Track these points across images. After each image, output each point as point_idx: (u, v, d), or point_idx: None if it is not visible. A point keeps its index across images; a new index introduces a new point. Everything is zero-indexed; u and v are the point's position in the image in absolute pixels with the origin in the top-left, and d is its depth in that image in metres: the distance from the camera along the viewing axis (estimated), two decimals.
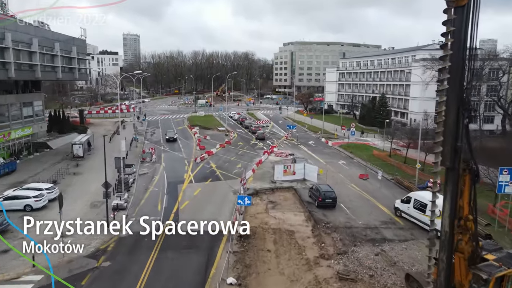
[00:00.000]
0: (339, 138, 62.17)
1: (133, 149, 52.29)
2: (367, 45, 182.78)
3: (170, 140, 56.30)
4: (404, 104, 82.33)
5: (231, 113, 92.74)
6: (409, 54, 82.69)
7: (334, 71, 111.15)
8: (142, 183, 35.61)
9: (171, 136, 57.16)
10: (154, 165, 43.27)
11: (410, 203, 25.74)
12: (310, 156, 47.81)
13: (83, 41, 57.13)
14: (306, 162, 38.02)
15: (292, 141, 58.32)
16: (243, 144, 55.32)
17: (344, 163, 44.10)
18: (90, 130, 66.28)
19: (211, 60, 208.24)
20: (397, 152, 48.55)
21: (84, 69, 58.47)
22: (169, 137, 57.12)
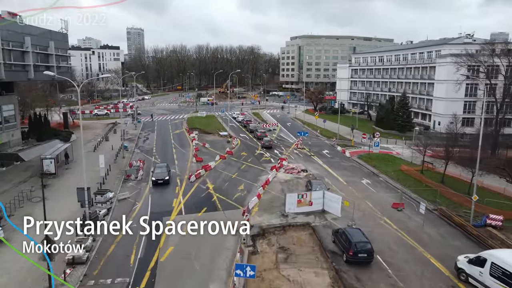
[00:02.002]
0: (357, 146, 54.44)
1: (119, 161, 45.04)
2: (378, 39, 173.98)
3: (158, 182, 35.30)
4: (426, 105, 74.16)
5: (234, 114, 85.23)
6: (432, 49, 74.31)
7: (346, 67, 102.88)
8: (119, 214, 28.16)
9: (160, 178, 35.53)
10: (140, 184, 35.90)
11: (484, 266, 18.02)
12: (326, 172, 40.20)
13: (63, 35, 49.75)
14: (325, 188, 30.34)
15: (304, 150, 50.67)
16: (247, 154, 47.79)
17: (369, 182, 36.40)
18: (75, 135, 59.12)
19: (215, 54, 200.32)
20: (430, 166, 40.72)
21: (65, 67, 51.12)
22: (156, 178, 35.53)
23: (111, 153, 48.05)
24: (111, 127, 68.67)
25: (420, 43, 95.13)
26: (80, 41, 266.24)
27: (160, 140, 58.00)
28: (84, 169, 26.87)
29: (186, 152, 49.58)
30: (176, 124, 74.39)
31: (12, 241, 20.22)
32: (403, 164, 43.52)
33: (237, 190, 33.67)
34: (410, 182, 35.94)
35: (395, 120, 67.94)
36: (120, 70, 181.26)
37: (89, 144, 53.30)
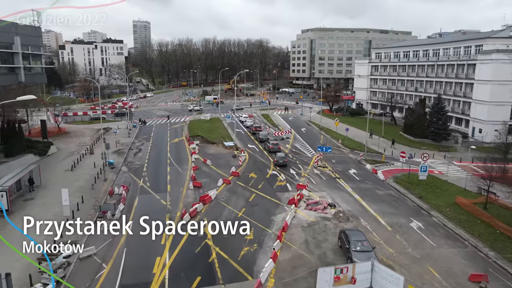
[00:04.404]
0: (389, 163, 45.18)
1: (99, 185, 36.26)
2: (395, 32, 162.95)
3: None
4: (462, 108, 64.38)
5: (242, 117, 76.23)
6: (471, 44, 64.18)
7: (365, 64, 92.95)
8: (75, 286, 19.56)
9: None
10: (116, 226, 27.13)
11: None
12: (359, 207, 31.06)
13: (34, 29, 41.09)
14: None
15: (326, 169, 41.55)
16: (257, 176, 38.78)
17: (421, 227, 27.16)
18: (56, 145, 50.68)
19: (222, 48, 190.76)
20: (494, 198, 31.37)
21: (37, 68, 42.53)
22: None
23: (91, 173, 39.47)
24: (100, 135, 60.13)
25: (455, 36, 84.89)
26: (85, 35, 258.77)
27: (155, 153, 49.26)
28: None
29: (183, 171, 40.77)
30: (175, 129, 65.60)
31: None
32: (456, 192, 34.27)
33: (244, 241, 24.74)
34: (478, 227, 26.70)
35: (428, 127, 58.37)
36: (124, 65, 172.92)
37: (69, 159, 44.73)
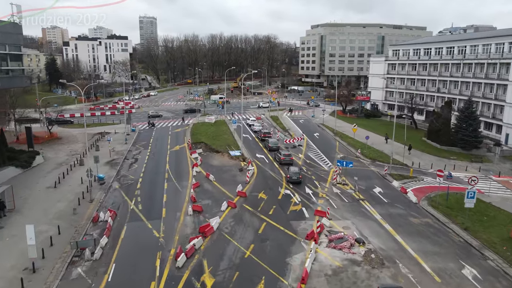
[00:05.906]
0: (418, 178, 39.49)
1: (82, 208, 30.99)
2: (409, 27, 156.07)
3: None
4: (493, 112, 58.24)
5: (249, 120, 70.79)
6: (504, 40, 57.85)
7: (381, 62, 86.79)
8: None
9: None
10: (95, 271, 21.90)
11: None
12: (394, 244, 25.42)
13: (14, 26, 35.87)
14: None
15: (347, 187, 35.94)
16: (267, 197, 33.27)
17: (477, 276, 21.41)
18: (43, 154, 45.65)
19: (229, 44, 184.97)
20: None
21: (17, 70, 37.41)
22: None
23: (76, 191, 34.36)
24: (95, 141, 55.04)
25: (483, 32, 78.27)
26: (91, 31, 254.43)
27: (152, 164, 43.98)
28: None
29: (182, 188, 35.43)
30: (177, 134, 60.33)
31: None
32: (506, 219, 28.60)
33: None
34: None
35: (456, 133, 52.40)
36: (128, 61, 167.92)
37: (55, 173, 39.66)
